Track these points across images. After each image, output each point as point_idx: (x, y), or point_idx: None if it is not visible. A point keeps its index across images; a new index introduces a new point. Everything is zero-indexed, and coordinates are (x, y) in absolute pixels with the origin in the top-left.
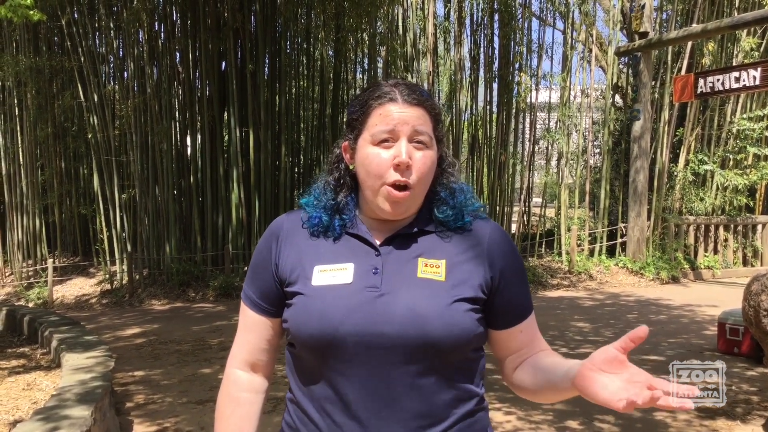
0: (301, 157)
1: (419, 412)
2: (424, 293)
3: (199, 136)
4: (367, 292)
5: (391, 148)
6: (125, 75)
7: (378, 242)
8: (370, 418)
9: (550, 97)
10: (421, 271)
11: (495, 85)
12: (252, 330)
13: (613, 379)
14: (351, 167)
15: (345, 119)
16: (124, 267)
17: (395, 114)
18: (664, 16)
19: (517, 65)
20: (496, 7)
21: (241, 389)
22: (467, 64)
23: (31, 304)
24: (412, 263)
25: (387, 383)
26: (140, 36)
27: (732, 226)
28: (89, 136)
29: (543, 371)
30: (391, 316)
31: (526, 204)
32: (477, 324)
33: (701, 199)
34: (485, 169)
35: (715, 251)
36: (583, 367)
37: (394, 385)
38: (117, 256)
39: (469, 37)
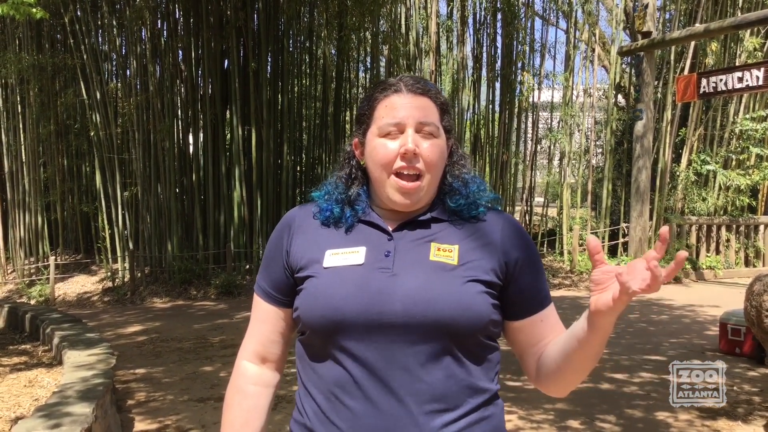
0: (303, 155)
1: (431, 395)
2: (436, 274)
3: (201, 134)
4: (378, 273)
5: (397, 139)
6: (128, 73)
7: (391, 228)
8: (380, 399)
9: (552, 97)
10: (433, 254)
11: (497, 84)
12: (264, 321)
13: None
14: (362, 163)
15: (354, 118)
16: (126, 265)
17: (400, 104)
18: (667, 16)
19: (519, 64)
20: (499, 6)
21: (249, 381)
22: (470, 63)
23: (32, 302)
24: (424, 247)
25: (398, 364)
26: (143, 34)
27: (734, 226)
28: (91, 134)
29: (565, 338)
30: (402, 295)
31: (528, 203)
32: (491, 308)
33: (703, 199)
34: (487, 169)
35: (717, 251)
36: (591, 295)
37: (405, 366)
38: (119, 253)
39: (471, 36)
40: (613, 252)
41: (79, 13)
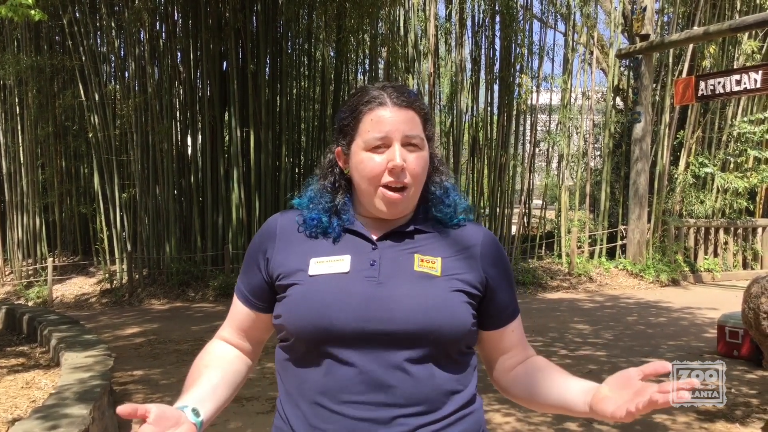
0: (302, 157)
1: (414, 399)
2: (421, 284)
3: (199, 136)
4: (365, 281)
5: (384, 153)
6: (126, 74)
7: (375, 237)
8: (366, 402)
9: (551, 99)
10: (417, 265)
11: (496, 87)
12: (239, 322)
13: (623, 394)
14: (346, 171)
15: (335, 124)
16: (124, 266)
17: (386, 119)
18: (666, 19)
19: (518, 67)
20: (497, 8)
21: (216, 348)
22: (468, 66)
23: (30, 303)
24: (408, 258)
25: (383, 369)
26: (141, 35)
27: (732, 229)
28: (90, 136)
29: (553, 387)
30: (390, 303)
31: (527, 206)
32: (472, 318)
33: (701, 202)
34: (486, 171)
35: (715, 254)
36: (599, 393)
37: (390, 370)
38: (117, 255)
39: (470, 39)
40: (611, 254)
41: (77, 15)
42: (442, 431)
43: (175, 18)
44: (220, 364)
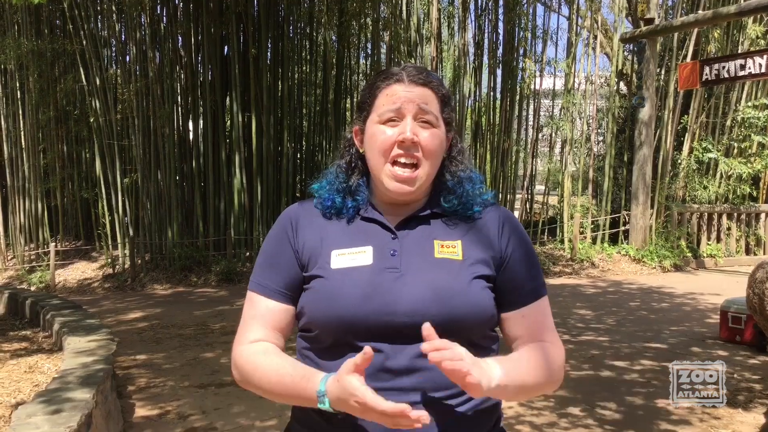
0: (304, 142)
1: (442, 383)
2: (443, 272)
3: (201, 121)
4: (387, 273)
5: (396, 127)
6: (127, 59)
7: (393, 225)
8: (393, 388)
9: (554, 84)
10: (438, 251)
11: (499, 72)
12: (271, 320)
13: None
14: (361, 151)
15: (356, 105)
16: (126, 251)
17: (401, 93)
18: (670, 3)
19: (521, 51)
20: None
21: (257, 345)
22: (471, 50)
23: (33, 288)
24: (428, 244)
25: (410, 357)
26: (142, 19)
27: (735, 214)
28: (91, 120)
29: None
30: (414, 294)
31: (529, 191)
32: (493, 302)
33: (705, 188)
34: (488, 156)
35: (718, 240)
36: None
37: (416, 358)
38: (119, 240)
39: (473, 23)
40: (614, 240)
41: None
42: (467, 403)
43: (176, 2)
44: (277, 353)
